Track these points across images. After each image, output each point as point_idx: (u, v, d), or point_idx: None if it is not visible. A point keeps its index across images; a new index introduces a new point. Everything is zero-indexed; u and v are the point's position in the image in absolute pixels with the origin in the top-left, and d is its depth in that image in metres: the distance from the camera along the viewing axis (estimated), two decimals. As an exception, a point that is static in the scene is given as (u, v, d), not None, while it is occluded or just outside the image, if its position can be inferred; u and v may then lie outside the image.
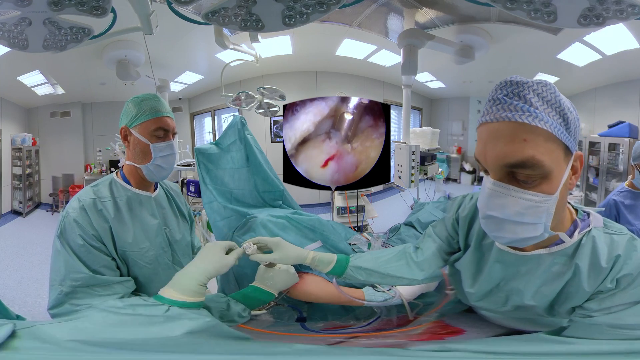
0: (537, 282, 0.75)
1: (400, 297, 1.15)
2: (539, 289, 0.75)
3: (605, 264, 0.68)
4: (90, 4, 1.08)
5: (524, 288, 0.77)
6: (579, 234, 0.72)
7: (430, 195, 2.93)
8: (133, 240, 1.01)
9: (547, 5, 0.97)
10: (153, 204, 1.10)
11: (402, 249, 1.03)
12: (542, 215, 0.63)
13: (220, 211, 1.66)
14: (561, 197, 0.66)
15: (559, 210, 0.67)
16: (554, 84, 0.63)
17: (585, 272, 0.70)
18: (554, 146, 0.61)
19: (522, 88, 0.61)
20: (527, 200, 0.62)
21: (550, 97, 0.61)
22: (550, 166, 0.61)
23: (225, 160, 1.72)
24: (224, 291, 1.37)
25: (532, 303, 0.76)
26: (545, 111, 0.60)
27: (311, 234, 1.47)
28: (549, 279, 0.74)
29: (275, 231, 1.40)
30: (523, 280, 0.77)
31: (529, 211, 0.63)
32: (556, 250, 0.73)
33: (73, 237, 0.92)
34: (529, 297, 0.76)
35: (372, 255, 1.01)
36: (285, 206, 1.80)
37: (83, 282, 0.91)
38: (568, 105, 0.64)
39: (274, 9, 1.04)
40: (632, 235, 0.72)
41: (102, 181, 1.05)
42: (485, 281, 0.83)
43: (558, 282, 0.73)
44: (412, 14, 2.53)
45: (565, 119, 0.62)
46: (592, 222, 0.74)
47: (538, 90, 0.61)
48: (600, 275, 0.69)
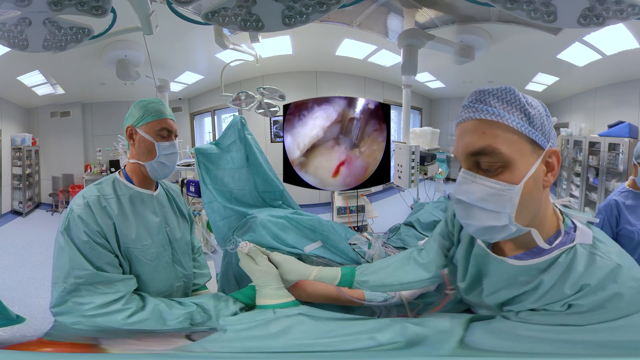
0: (498, 285, 0.78)
1: (400, 297, 1.15)
2: (497, 291, 0.78)
3: (569, 290, 0.67)
4: (90, 4, 1.08)
5: (487, 286, 0.81)
6: (558, 248, 0.70)
7: (430, 195, 2.93)
8: (136, 236, 1.03)
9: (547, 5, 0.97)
10: (155, 202, 1.12)
11: (406, 254, 1.06)
12: (506, 205, 0.67)
13: (220, 211, 1.66)
14: (528, 191, 0.66)
15: (529, 206, 0.68)
16: (515, 88, 0.70)
17: (545, 289, 0.69)
18: (514, 137, 0.67)
19: (483, 94, 0.71)
20: (489, 187, 0.67)
21: (510, 98, 0.69)
22: (510, 155, 0.66)
23: (225, 160, 1.72)
24: (224, 291, 1.37)
25: (486, 301, 0.81)
26: (505, 109, 0.68)
27: (311, 234, 1.47)
28: (511, 286, 0.75)
29: (275, 231, 1.40)
30: (490, 279, 0.80)
31: (492, 198, 0.67)
32: (530, 263, 0.72)
33: (77, 233, 0.94)
34: (485, 295, 0.81)
35: (378, 267, 1.04)
36: (285, 206, 1.80)
37: (86, 280, 0.92)
38: (530, 103, 0.70)
39: (274, 9, 1.05)
40: (619, 263, 0.65)
41: (105, 180, 1.08)
42: (470, 276, 0.86)
43: (516, 290, 0.74)
44: (412, 14, 2.53)
45: (527, 114, 0.68)
46: (578, 238, 0.70)
47: (497, 94, 0.70)
48: (557, 297, 0.68)
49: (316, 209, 3.60)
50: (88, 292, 0.92)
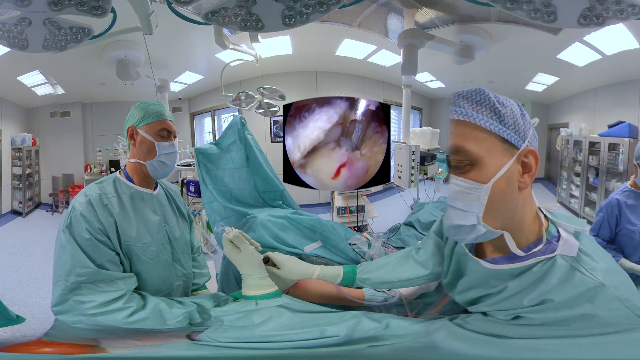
0: (469, 284, 0.78)
1: (400, 297, 1.15)
2: (467, 290, 0.79)
3: (526, 302, 0.64)
4: (90, 4, 1.08)
5: (460, 285, 0.81)
6: (535, 257, 0.67)
7: (430, 195, 2.92)
8: (136, 234, 1.04)
9: (547, 5, 0.97)
10: (154, 201, 1.14)
11: (405, 252, 1.07)
12: (473, 204, 0.66)
13: (220, 211, 1.66)
14: (499, 191, 0.65)
15: (500, 207, 0.66)
16: (485, 89, 0.70)
17: (505, 296, 0.68)
18: (483, 135, 0.66)
19: (456, 97, 0.71)
20: (458, 185, 0.67)
21: (480, 98, 0.68)
22: (477, 153, 0.66)
23: (225, 160, 1.72)
24: (224, 291, 1.37)
25: (457, 299, 0.82)
26: (474, 109, 0.68)
27: (311, 234, 1.47)
28: (481, 286, 0.75)
29: (275, 231, 1.40)
30: (465, 278, 0.81)
31: (459, 196, 0.67)
32: (503, 268, 0.70)
33: (79, 231, 0.94)
34: (456, 293, 0.82)
35: (378, 264, 1.06)
36: (285, 206, 1.80)
37: (88, 277, 0.92)
38: (502, 102, 0.69)
39: (274, 9, 1.05)
40: (602, 284, 0.59)
41: (106, 179, 1.10)
42: (451, 273, 0.87)
43: (483, 291, 0.74)
44: (412, 14, 2.53)
45: (497, 112, 0.67)
46: (560, 249, 0.66)
47: (467, 95, 0.70)
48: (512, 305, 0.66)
49: (316, 209, 3.60)
50: (89, 291, 0.92)
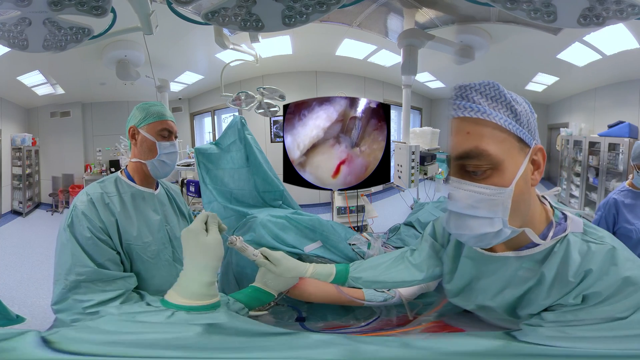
0: (500, 284, 0.74)
1: (400, 297, 1.15)
2: (502, 291, 0.74)
3: (572, 278, 0.64)
4: (90, 4, 1.08)
5: (487, 288, 0.77)
6: (552, 238, 0.68)
7: (430, 195, 2.92)
8: (137, 233, 1.05)
9: (547, 5, 0.97)
10: (155, 201, 1.15)
11: (399, 253, 1.05)
12: (497, 209, 0.62)
13: (220, 211, 1.66)
14: (519, 192, 0.63)
15: (521, 207, 0.64)
16: (499, 83, 0.65)
17: (549, 282, 0.67)
18: (502, 136, 0.63)
19: (465, 90, 0.66)
20: (478, 193, 0.62)
21: (494, 94, 0.64)
22: (499, 156, 0.62)
23: (225, 160, 1.72)
24: (224, 291, 1.36)
25: (492, 304, 0.76)
26: (490, 106, 0.63)
27: (311, 234, 1.47)
28: (513, 282, 0.72)
29: (275, 231, 1.40)
30: (488, 280, 0.77)
31: (481, 204, 0.62)
32: (525, 254, 0.70)
33: (80, 229, 0.95)
34: (489, 298, 0.76)
35: (371, 264, 1.03)
36: (285, 206, 1.80)
37: (87, 277, 0.92)
38: (516, 99, 0.65)
39: (274, 9, 1.04)
40: (614, 246, 0.64)
41: (108, 178, 1.11)
42: (459, 278, 0.84)
43: (520, 287, 0.71)
44: (412, 14, 2.53)
45: (514, 111, 0.64)
46: (570, 227, 0.69)
47: (480, 89, 0.65)
48: (564, 289, 0.65)
49: (316, 209, 3.60)
50: (88, 290, 0.93)
